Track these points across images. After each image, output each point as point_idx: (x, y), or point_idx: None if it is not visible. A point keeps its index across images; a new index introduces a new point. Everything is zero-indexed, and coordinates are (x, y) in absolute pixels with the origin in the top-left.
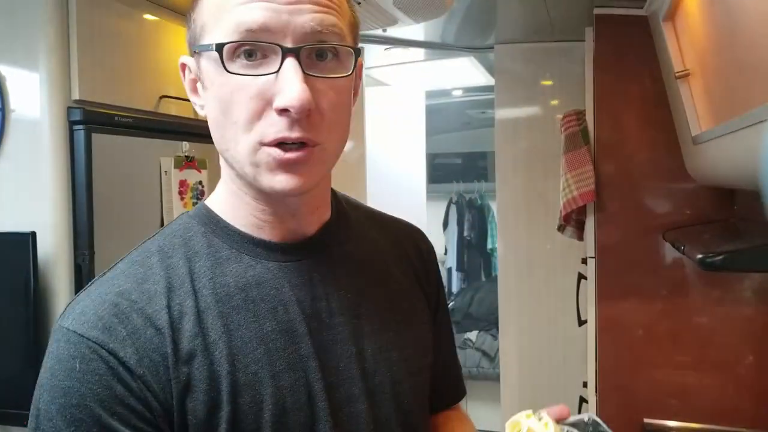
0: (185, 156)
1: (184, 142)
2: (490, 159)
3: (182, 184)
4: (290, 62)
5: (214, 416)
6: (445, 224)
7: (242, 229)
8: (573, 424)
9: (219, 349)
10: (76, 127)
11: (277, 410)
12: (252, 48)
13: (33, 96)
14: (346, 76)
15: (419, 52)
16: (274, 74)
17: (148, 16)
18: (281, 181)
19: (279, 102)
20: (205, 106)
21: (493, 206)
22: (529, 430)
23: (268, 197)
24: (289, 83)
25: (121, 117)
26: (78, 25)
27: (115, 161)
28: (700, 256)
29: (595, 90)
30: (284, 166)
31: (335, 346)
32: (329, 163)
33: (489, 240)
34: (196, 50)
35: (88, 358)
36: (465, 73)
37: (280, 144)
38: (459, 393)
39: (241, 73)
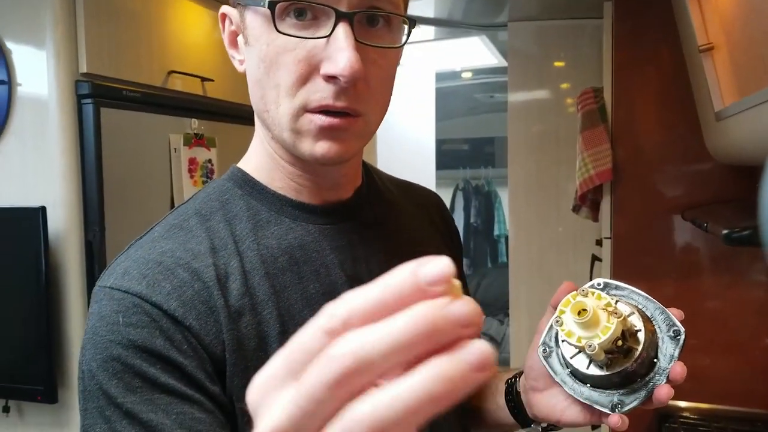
0: (194, 133)
1: (193, 119)
2: (498, 144)
3: (192, 162)
4: (343, 27)
5: None
6: (451, 211)
7: (280, 191)
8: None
9: (268, 309)
10: (84, 101)
11: None
12: (304, 7)
13: (40, 70)
14: (399, 47)
15: (429, 31)
16: (325, 38)
17: None
18: (322, 147)
19: (328, 69)
20: (245, 62)
21: (500, 192)
22: (595, 310)
23: (304, 164)
24: (340, 50)
25: (129, 92)
26: None
27: (124, 137)
28: (725, 231)
29: (613, 67)
30: (326, 133)
31: None
32: (369, 136)
33: (496, 226)
34: (240, 2)
35: (131, 312)
36: (475, 53)
37: (323, 111)
38: None
39: (290, 33)
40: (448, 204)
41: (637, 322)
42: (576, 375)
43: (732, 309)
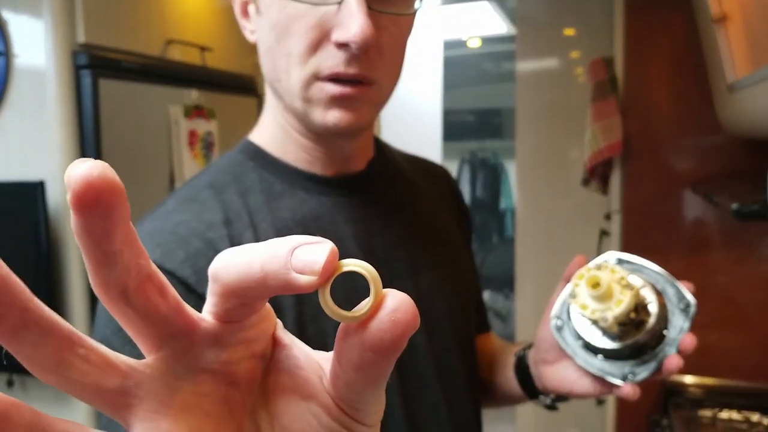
0: (194, 105)
1: (192, 90)
2: (505, 116)
3: (192, 134)
4: None
5: None
6: (457, 183)
7: (293, 163)
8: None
9: None
10: (82, 71)
11: None
12: None
13: (37, 40)
14: (412, 13)
15: None
16: (336, 4)
17: None
18: (334, 117)
19: (339, 35)
20: (256, 32)
21: (507, 165)
22: (609, 283)
23: (317, 135)
24: (352, 16)
25: (127, 62)
26: None
27: (123, 108)
28: (735, 205)
29: (625, 36)
30: (338, 102)
31: (392, 280)
32: (381, 105)
33: (502, 200)
34: None
35: None
36: (483, 20)
37: (335, 79)
38: (488, 324)
39: (302, 0)
40: (454, 176)
41: (648, 295)
42: (588, 347)
43: (741, 284)
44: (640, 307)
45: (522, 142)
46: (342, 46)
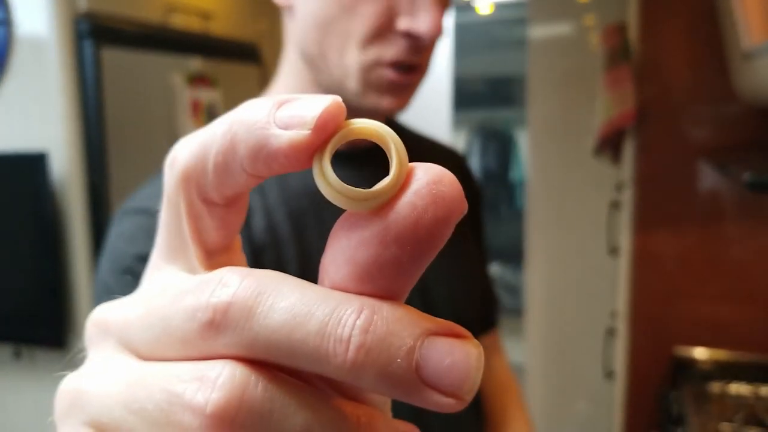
0: (197, 74)
1: (195, 59)
2: (516, 84)
3: (195, 104)
4: None
5: None
6: (468, 154)
7: None
8: None
9: (289, 248)
10: (83, 40)
11: None
12: None
13: (38, 8)
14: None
15: None
16: None
17: None
18: (389, 102)
19: (411, 26)
20: None
21: (517, 135)
22: None
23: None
24: (426, 9)
25: (130, 30)
26: None
27: (125, 77)
28: (748, 176)
29: (639, 2)
30: (393, 89)
31: None
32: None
33: (512, 171)
34: None
35: (152, 227)
36: None
37: (395, 65)
38: (494, 319)
39: None
40: (462, 147)
41: None
42: None
43: (754, 256)
44: None
45: (533, 111)
46: (410, 36)
